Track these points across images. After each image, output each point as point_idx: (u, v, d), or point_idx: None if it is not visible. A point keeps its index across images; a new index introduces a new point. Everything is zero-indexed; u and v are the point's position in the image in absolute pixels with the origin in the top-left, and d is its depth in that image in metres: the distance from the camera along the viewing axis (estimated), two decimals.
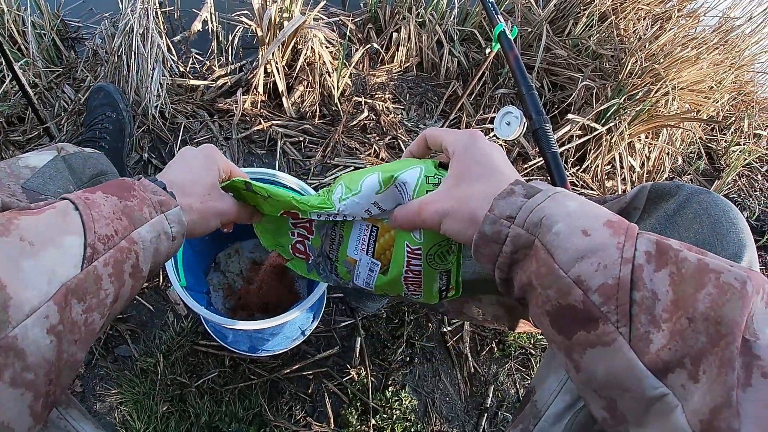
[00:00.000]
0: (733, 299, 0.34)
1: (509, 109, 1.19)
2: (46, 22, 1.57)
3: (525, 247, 0.45)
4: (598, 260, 0.39)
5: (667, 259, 0.38)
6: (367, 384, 1.16)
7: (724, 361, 0.33)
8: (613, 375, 0.39)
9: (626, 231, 0.41)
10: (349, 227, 0.72)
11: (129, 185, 0.54)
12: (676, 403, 0.35)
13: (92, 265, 0.45)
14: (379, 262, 0.71)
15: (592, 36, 1.75)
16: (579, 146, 1.66)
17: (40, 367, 0.39)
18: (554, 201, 0.44)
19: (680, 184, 0.58)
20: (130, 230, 0.50)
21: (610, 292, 0.38)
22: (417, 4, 1.75)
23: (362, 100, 1.63)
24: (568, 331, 0.42)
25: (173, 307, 1.18)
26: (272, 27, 1.44)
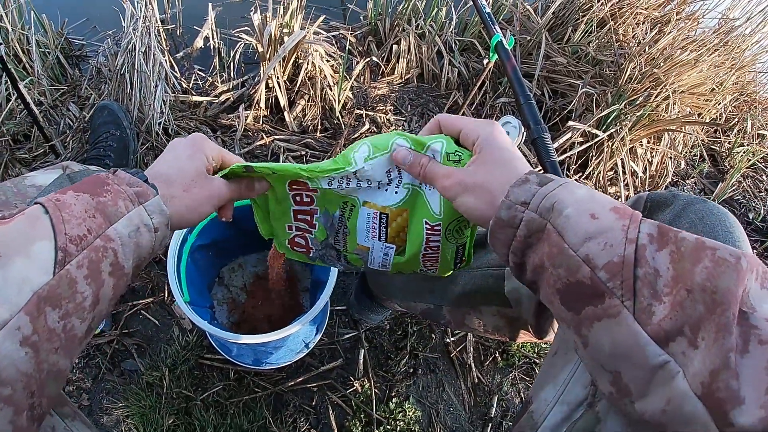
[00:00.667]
0: (728, 271, 0.37)
1: (508, 118, 1.20)
2: (50, 40, 1.60)
3: (538, 231, 0.48)
4: (604, 240, 0.43)
5: (668, 240, 0.41)
6: (371, 395, 1.17)
7: (720, 326, 0.36)
8: (618, 346, 0.41)
9: (631, 216, 0.44)
10: (354, 217, 0.72)
11: (102, 180, 0.51)
12: (678, 369, 0.37)
13: (64, 269, 0.43)
14: (393, 245, 0.73)
15: (591, 42, 1.75)
16: (581, 153, 1.66)
17: (17, 380, 0.38)
18: (565, 188, 0.48)
19: (676, 194, 0.59)
20: (105, 227, 0.48)
21: (616, 269, 0.41)
22: (416, 16, 1.77)
23: (363, 113, 1.64)
24: (577, 307, 0.45)
25: (178, 322, 1.20)
26: (273, 42, 1.46)
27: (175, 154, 0.62)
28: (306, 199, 0.72)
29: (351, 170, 0.64)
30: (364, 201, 0.70)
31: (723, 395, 0.34)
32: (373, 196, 0.69)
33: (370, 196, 0.70)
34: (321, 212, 0.73)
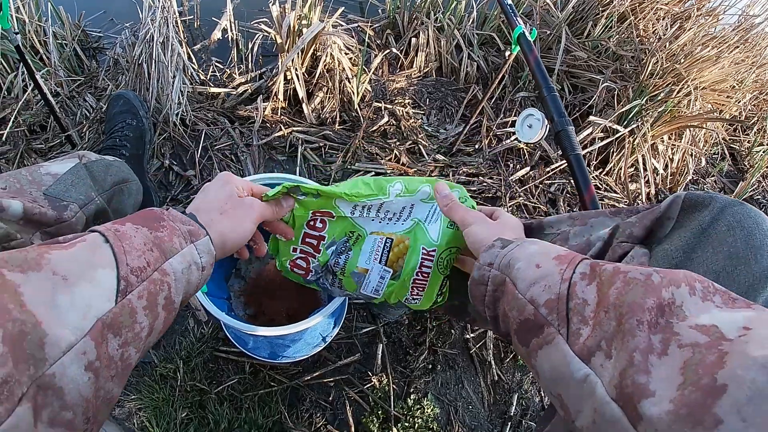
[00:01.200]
0: (635, 287, 0.42)
1: (531, 111, 1.18)
2: (67, 32, 1.59)
3: (500, 284, 0.58)
4: (545, 283, 0.51)
5: (595, 274, 0.48)
6: (389, 391, 1.15)
7: (625, 332, 0.40)
8: (555, 368, 0.46)
9: (570, 260, 0.52)
10: (360, 244, 0.81)
11: (158, 216, 0.54)
12: (596, 380, 0.41)
13: (126, 298, 0.44)
14: (391, 270, 0.82)
15: (611, 37, 1.73)
16: (601, 149, 1.63)
17: (79, 405, 0.38)
18: (521, 248, 0.58)
19: (714, 195, 0.58)
20: (161, 261, 0.49)
21: (553, 304, 0.49)
22: (435, 9, 1.75)
23: (382, 106, 1.62)
24: (526, 341, 0.51)
25: (194, 313, 1.18)
26: (291, 34, 1.44)
27: (206, 191, 0.66)
28: (319, 225, 0.79)
29: (382, 200, 0.76)
30: (372, 231, 0.81)
31: (630, 390, 0.36)
32: (382, 227, 0.81)
33: (379, 227, 0.81)
34: (328, 240, 0.80)
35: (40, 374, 0.35)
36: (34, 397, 0.35)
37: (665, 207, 0.61)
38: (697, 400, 0.32)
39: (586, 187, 1.03)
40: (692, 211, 0.59)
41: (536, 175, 1.58)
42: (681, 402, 0.33)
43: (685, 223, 0.59)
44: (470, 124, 1.58)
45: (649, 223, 0.62)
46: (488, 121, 1.64)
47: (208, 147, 1.43)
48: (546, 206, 1.53)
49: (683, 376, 0.34)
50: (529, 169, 1.58)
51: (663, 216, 0.61)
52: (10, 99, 1.43)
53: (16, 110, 1.38)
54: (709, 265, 0.54)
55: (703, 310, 0.39)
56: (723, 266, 0.53)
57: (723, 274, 0.52)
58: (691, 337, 0.37)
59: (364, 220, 0.80)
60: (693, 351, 0.35)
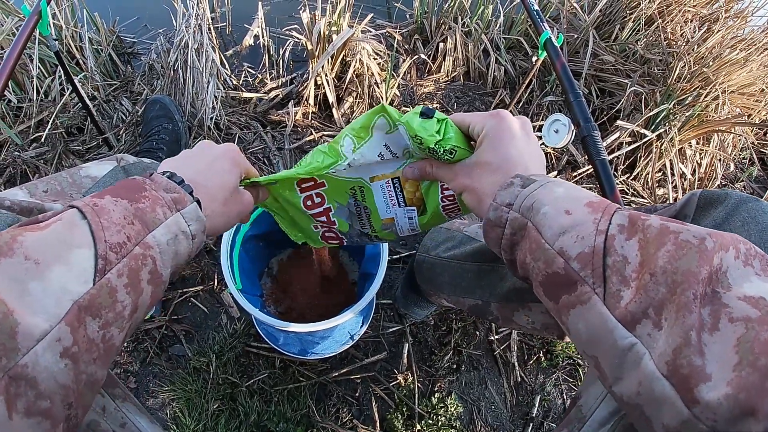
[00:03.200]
0: (690, 253, 0.39)
1: (557, 116, 1.19)
2: (102, 38, 1.66)
3: (521, 229, 0.52)
4: (577, 233, 0.46)
5: (636, 228, 0.43)
6: (414, 390, 1.17)
7: (680, 306, 0.37)
8: (591, 331, 0.43)
9: (604, 209, 0.47)
10: (370, 196, 0.74)
11: (139, 185, 0.51)
12: (644, 350, 0.38)
13: (105, 277, 0.42)
14: (414, 207, 0.75)
15: (639, 40, 1.72)
16: (629, 153, 1.63)
17: (56, 393, 0.37)
18: (545, 188, 0.51)
19: (729, 192, 0.58)
20: (143, 234, 0.47)
21: (587, 258, 0.44)
22: (462, 14, 1.77)
23: None
24: (555, 296, 0.47)
25: (227, 310, 1.23)
26: (321, 40, 1.48)
27: (211, 165, 0.62)
28: (317, 200, 0.75)
29: (344, 164, 0.67)
30: (371, 177, 0.72)
31: (686, 372, 0.34)
32: (377, 170, 0.71)
33: (375, 170, 0.71)
34: (335, 208, 0.76)
35: (12, 365, 0.34)
36: (6, 389, 0.34)
37: (681, 205, 0.62)
38: (755, 383, 0.31)
39: (611, 192, 1.04)
40: (708, 208, 0.59)
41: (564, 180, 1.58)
42: (738, 385, 0.32)
43: (701, 220, 0.59)
44: None
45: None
46: None
47: (241, 150, 1.48)
48: None
49: (738, 355, 0.33)
50: (556, 173, 1.59)
51: (679, 214, 0.61)
52: (47, 102, 1.49)
53: (54, 113, 1.44)
54: None
55: (744, 276, 0.38)
56: None
57: None
58: (742, 310, 0.35)
59: (355, 171, 0.71)
60: (746, 326, 0.34)
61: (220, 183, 0.61)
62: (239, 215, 0.64)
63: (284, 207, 0.78)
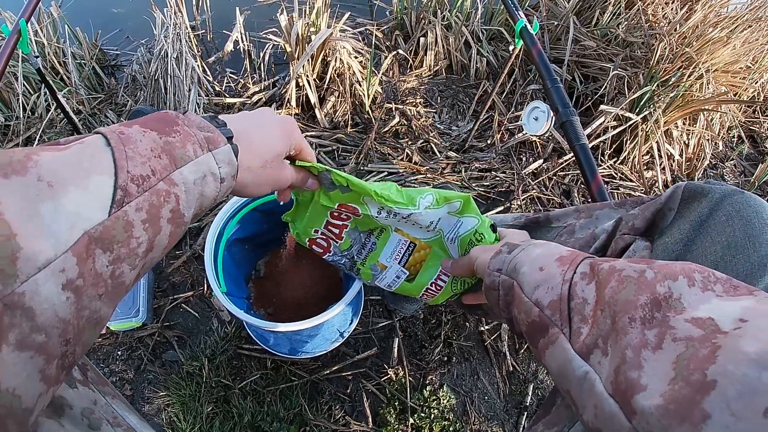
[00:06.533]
0: (629, 285, 0.43)
1: (536, 104, 1.19)
2: (85, 52, 1.67)
3: (509, 288, 0.59)
4: (548, 285, 0.52)
5: (594, 273, 0.48)
6: (405, 384, 1.18)
7: (618, 330, 0.41)
8: (560, 366, 0.47)
9: (572, 261, 0.53)
10: (385, 238, 0.81)
11: (172, 119, 0.48)
12: (595, 376, 0.42)
13: (122, 209, 0.39)
14: (407, 272, 0.84)
15: (620, 24, 1.72)
16: (615, 137, 1.63)
17: (54, 327, 0.35)
18: (525, 251, 0.60)
19: (713, 185, 0.58)
20: (170, 170, 0.44)
21: (555, 305, 0.50)
22: (442, 7, 1.77)
23: (393, 107, 1.65)
24: (535, 341, 0.52)
25: (217, 314, 1.24)
26: (300, 42, 1.49)
27: (264, 125, 0.60)
28: (344, 217, 0.79)
29: (411, 211, 0.73)
30: (397, 228, 0.80)
31: (624, 386, 0.37)
32: (408, 228, 0.80)
33: (406, 227, 0.80)
34: (351, 228, 0.81)
35: (8, 292, 0.32)
36: None
37: (666, 198, 0.62)
38: (686, 396, 0.32)
39: (592, 177, 1.05)
40: (692, 202, 0.59)
41: (549, 167, 1.59)
42: (671, 397, 0.33)
43: (686, 213, 0.59)
44: (481, 119, 1.60)
45: (651, 215, 0.62)
46: (500, 115, 1.66)
47: None
48: (560, 198, 1.54)
49: (675, 371, 0.34)
50: (542, 161, 1.59)
51: (664, 207, 0.61)
52: (34, 119, 1.51)
53: (40, 129, 1.46)
54: (707, 256, 0.54)
55: (703, 300, 0.39)
56: (721, 256, 0.53)
57: (721, 264, 0.52)
58: (686, 330, 0.36)
59: (390, 220, 0.78)
60: (686, 345, 0.35)
61: (265, 143, 0.59)
62: (273, 184, 0.62)
63: (312, 200, 0.77)
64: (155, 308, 1.24)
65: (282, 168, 0.63)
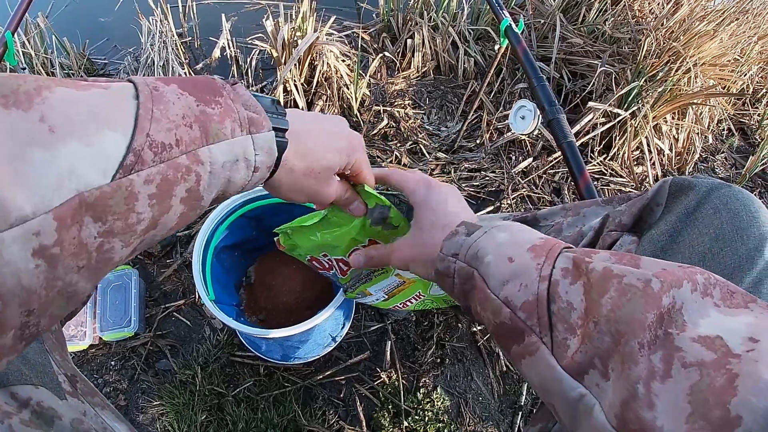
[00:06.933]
0: (634, 298, 0.37)
1: (523, 103, 1.19)
2: (73, 62, 1.67)
3: (468, 278, 0.51)
4: (520, 281, 0.45)
5: (581, 272, 0.42)
6: (399, 386, 1.18)
7: (625, 357, 0.36)
8: (542, 381, 0.42)
9: (547, 252, 0.46)
10: (383, 277, 0.81)
11: (217, 88, 0.41)
12: (594, 401, 0.37)
13: (128, 177, 0.33)
14: (387, 296, 0.86)
15: (607, 20, 1.72)
16: (604, 134, 1.63)
17: (13, 295, 0.29)
18: (488, 235, 0.51)
19: (699, 179, 0.58)
20: (199, 144, 0.38)
21: (531, 307, 0.43)
22: (428, 9, 1.77)
23: (381, 109, 1.65)
24: (506, 346, 0.46)
25: (209, 322, 1.24)
26: (287, 46, 1.49)
27: (328, 134, 0.55)
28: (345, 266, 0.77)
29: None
30: (397, 273, 0.79)
31: (636, 427, 0.33)
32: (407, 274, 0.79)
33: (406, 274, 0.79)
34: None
35: None
36: None
37: (653, 193, 0.61)
38: None
39: (580, 174, 1.05)
40: (679, 195, 0.59)
41: (539, 165, 1.59)
42: None
43: (673, 208, 0.59)
44: (469, 119, 1.60)
45: (637, 210, 0.62)
46: (488, 115, 1.66)
47: None
48: (550, 196, 1.54)
49: (691, 406, 0.31)
50: (531, 159, 1.59)
51: (651, 202, 0.61)
52: None
53: None
54: (695, 247, 0.54)
55: (702, 310, 0.36)
56: (709, 248, 0.53)
57: (709, 256, 0.52)
58: (695, 353, 0.33)
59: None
60: (700, 372, 0.32)
61: (319, 150, 0.53)
62: (312, 196, 0.55)
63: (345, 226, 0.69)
64: (147, 317, 1.24)
65: (329, 184, 0.56)
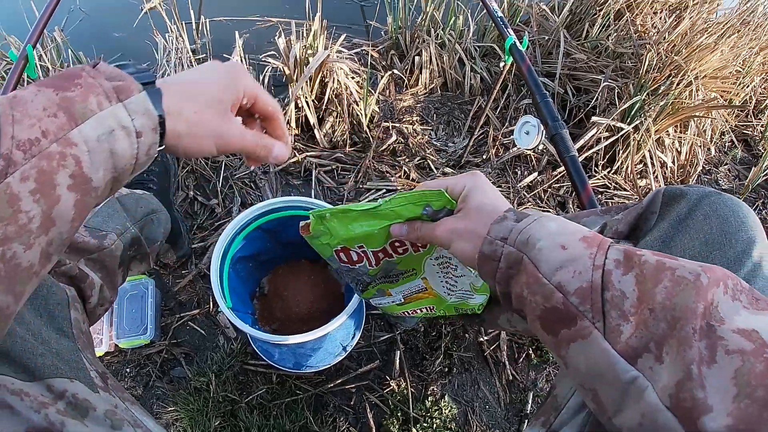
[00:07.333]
0: (687, 289, 0.40)
1: (527, 118, 1.23)
2: None
3: (516, 263, 0.53)
4: (574, 268, 0.47)
5: (632, 264, 0.45)
6: (408, 395, 1.21)
7: (681, 341, 0.38)
8: (592, 364, 0.44)
9: (599, 244, 0.48)
10: (409, 279, 0.83)
11: (75, 72, 0.42)
12: (646, 384, 0.40)
13: (4, 182, 0.35)
14: (403, 300, 0.90)
15: (609, 36, 1.76)
16: (608, 147, 1.66)
17: None
18: (539, 223, 0.53)
19: (691, 188, 0.62)
20: (67, 129, 0.39)
21: (585, 293, 0.45)
22: (435, 26, 1.81)
23: (390, 125, 1.70)
24: (554, 330, 0.48)
25: (223, 331, 1.27)
26: (298, 64, 1.53)
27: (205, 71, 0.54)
28: (401, 250, 0.75)
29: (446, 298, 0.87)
30: (424, 277, 0.82)
31: (689, 405, 0.36)
32: (435, 278, 0.82)
33: (435, 278, 0.82)
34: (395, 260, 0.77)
35: None
36: None
37: (647, 202, 0.66)
38: (754, 413, 0.33)
39: (583, 188, 1.08)
40: (672, 203, 0.63)
41: (544, 180, 1.62)
42: (738, 416, 0.34)
43: (666, 216, 0.63)
44: (476, 135, 1.64)
45: (633, 219, 0.66)
46: (494, 131, 1.70)
47: (228, 177, 1.54)
48: (555, 210, 1.58)
49: (737, 387, 0.35)
50: (537, 174, 1.63)
51: (646, 211, 0.65)
52: None
53: None
54: (685, 251, 0.58)
55: (734, 310, 0.39)
56: (699, 251, 0.57)
57: (699, 259, 0.54)
58: (736, 342, 0.37)
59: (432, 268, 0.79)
60: (742, 359, 0.36)
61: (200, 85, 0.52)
62: (217, 138, 0.53)
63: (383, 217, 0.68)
64: (162, 326, 1.27)
65: (228, 119, 0.54)
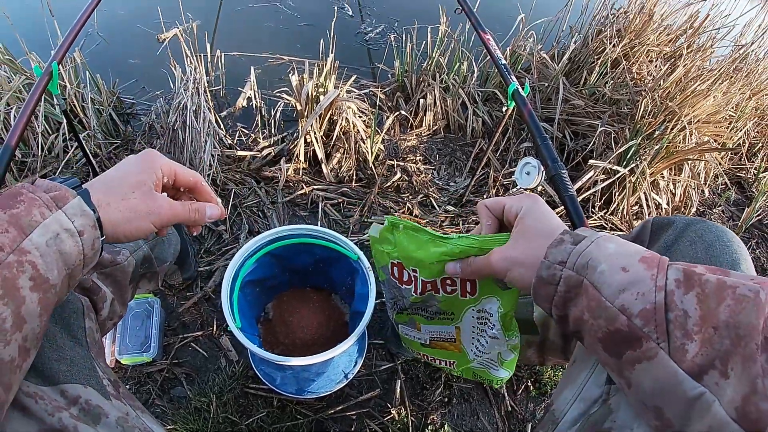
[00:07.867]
0: (748, 307, 0.42)
1: (528, 159, 1.28)
2: (104, 98, 1.78)
3: (576, 286, 0.53)
4: (636, 290, 0.48)
5: (693, 283, 0.46)
6: (408, 423, 1.21)
7: (746, 357, 0.40)
8: (658, 384, 0.46)
9: (658, 264, 0.49)
10: (443, 323, 0.85)
11: (16, 191, 0.49)
12: (713, 398, 0.41)
13: None
14: (428, 342, 0.92)
15: (607, 83, 1.85)
16: (604, 189, 1.72)
17: None
18: (597, 245, 0.53)
19: (677, 217, 0.67)
20: (19, 240, 0.45)
21: (649, 315, 0.46)
22: (440, 71, 1.90)
23: (395, 163, 1.76)
24: (618, 353, 0.49)
25: (226, 353, 1.28)
26: (310, 101, 1.60)
27: (121, 165, 0.61)
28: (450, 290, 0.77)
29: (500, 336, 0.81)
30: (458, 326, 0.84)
31: (755, 416, 0.38)
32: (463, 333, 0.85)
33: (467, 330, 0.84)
34: (440, 297, 0.78)
35: None
36: None
37: (637, 232, 0.71)
38: None
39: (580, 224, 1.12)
40: (660, 232, 0.68)
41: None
42: None
43: (654, 243, 0.67)
44: (477, 175, 1.69)
45: None
46: (495, 171, 1.76)
47: (237, 204, 1.58)
48: None
49: None
50: None
51: (636, 240, 0.70)
52: (51, 158, 1.60)
53: (58, 169, 1.55)
54: None
55: None
56: None
57: None
58: None
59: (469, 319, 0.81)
60: None
61: (120, 176, 0.59)
62: (148, 215, 0.59)
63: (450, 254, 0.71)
64: (165, 346, 1.29)
65: (153, 198, 0.60)
